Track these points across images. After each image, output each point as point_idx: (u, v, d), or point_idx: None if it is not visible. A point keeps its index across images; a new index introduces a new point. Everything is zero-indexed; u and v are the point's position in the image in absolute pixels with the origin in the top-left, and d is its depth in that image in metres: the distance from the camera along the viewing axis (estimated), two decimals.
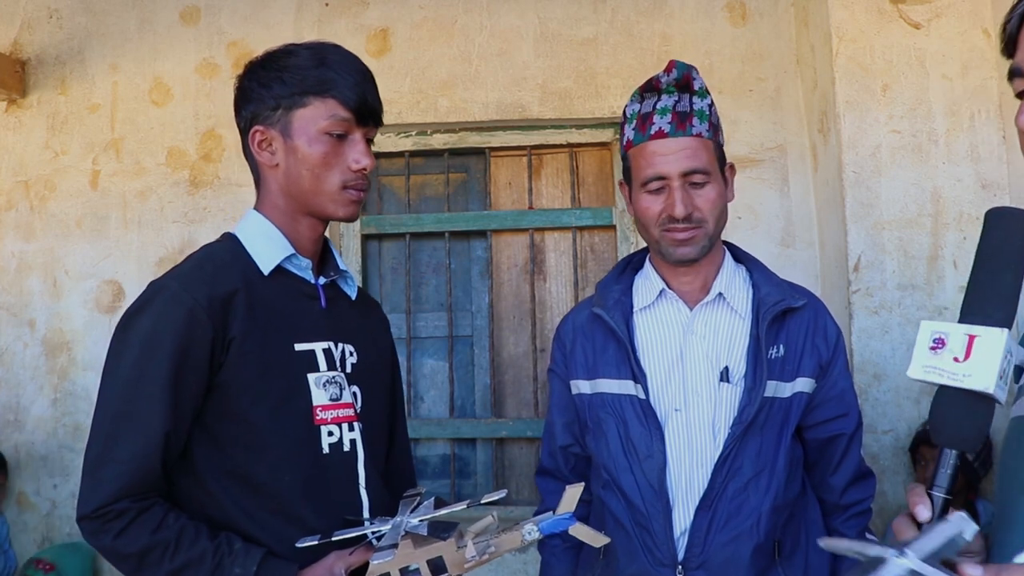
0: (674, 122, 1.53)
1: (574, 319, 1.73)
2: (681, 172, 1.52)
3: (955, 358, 0.90)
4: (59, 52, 3.38)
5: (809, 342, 1.59)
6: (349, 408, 1.40)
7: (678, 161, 1.52)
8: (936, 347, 0.92)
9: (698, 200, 1.53)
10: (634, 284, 1.69)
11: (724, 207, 1.59)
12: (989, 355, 0.88)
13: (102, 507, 1.21)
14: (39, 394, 3.28)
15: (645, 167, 1.55)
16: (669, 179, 1.52)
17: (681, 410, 1.55)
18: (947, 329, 0.91)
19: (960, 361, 0.89)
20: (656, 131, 1.54)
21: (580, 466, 1.75)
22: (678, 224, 1.53)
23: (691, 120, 1.53)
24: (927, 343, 0.93)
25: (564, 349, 1.72)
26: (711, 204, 1.54)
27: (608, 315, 1.61)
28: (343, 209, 1.40)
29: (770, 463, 1.54)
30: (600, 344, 1.64)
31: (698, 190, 1.53)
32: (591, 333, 1.66)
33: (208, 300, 1.27)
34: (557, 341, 1.75)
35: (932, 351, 0.92)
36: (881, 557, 0.85)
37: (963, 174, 2.66)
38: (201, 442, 1.30)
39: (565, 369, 1.71)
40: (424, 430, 3.26)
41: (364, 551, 1.24)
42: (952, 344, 0.90)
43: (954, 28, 2.68)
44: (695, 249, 1.55)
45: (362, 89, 1.37)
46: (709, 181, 1.54)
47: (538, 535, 1.18)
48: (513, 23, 3.23)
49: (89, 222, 3.31)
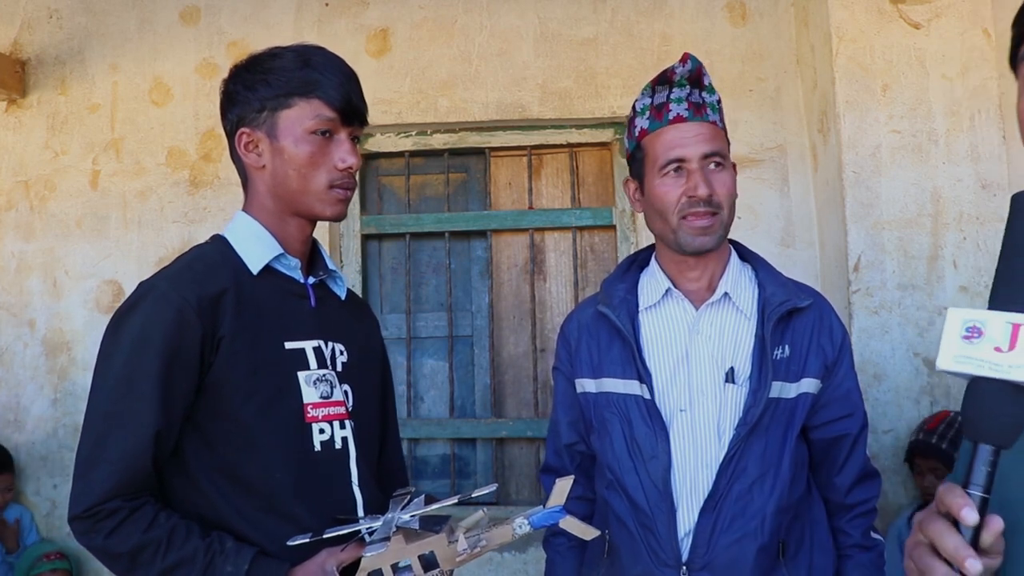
0: (691, 109, 1.55)
1: (579, 317, 1.72)
2: (702, 154, 1.53)
3: (996, 348, 0.84)
4: (59, 52, 3.39)
5: (815, 342, 1.59)
6: (340, 406, 1.40)
7: (698, 144, 1.53)
8: (971, 336, 0.85)
9: (716, 184, 1.54)
10: (639, 282, 1.68)
11: (735, 199, 1.60)
12: None
13: (93, 507, 1.22)
14: (39, 394, 3.28)
15: (665, 151, 1.55)
16: (689, 161, 1.53)
17: (686, 411, 1.55)
18: (983, 317, 0.85)
19: (1004, 351, 0.83)
20: (675, 116, 1.55)
21: (585, 464, 1.74)
22: (700, 208, 1.52)
23: (705, 110, 1.56)
24: (959, 332, 0.86)
25: (569, 348, 1.71)
26: (728, 190, 1.55)
27: (614, 314, 1.61)
28: (330, 208, 1.40)
29: (775, 464, 1.53)
30: (605, 343, 1.63)
31: (716, 173, 1.54)
32: (596, 332, 1.66)
33: (197, 299, 1.27)
34: (562, 339, 1.75)
35: (966, 340, 0.85)
36: None
37: (963, 174, 2.65)
38: (192, 441, 1.31)
39: (570, 367, 1.71)
40: (424, 430, 3.26)
41: (355, 547, 1.24)
42: (992, 333, 0.84)
43: (954, 28, 2.67)
44: (713, 239, 1.55)
45: (346, 89, 1.38)
46: (725, 166, 1.56)
47: (528, 529, 1.18)
48: (513, 23, 3.23)
49: (89, 222, 3.31)
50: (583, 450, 1.73)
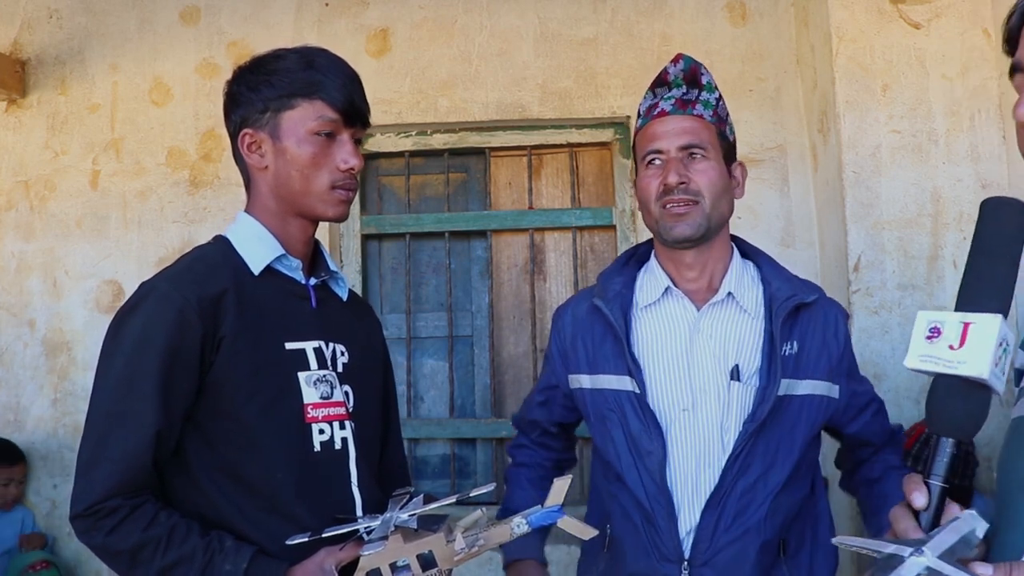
0: (676, 104, 1.58)
1: (574, 310, 1.72)
2: (678, 146, 1.55)
3: (950, 346, 0.90)
4: (59, 52, 3.39)
5: (822, 339, 1.59)
6: (340, 407, 1.40)
7: (676, 136, 1.55)
8: (932, 336, 0.91)
9: (693, 172, 1.54)
10: (638, 278, 1.68)
11: (725, 192, 1.59)
12: (983, 341, 0.88)
13: (94, 505, 1.22)
14: (39, 394, 3.29)
15: (645, 144, 1.59)
16: (666, 152, 1.55)
17: (689, 410, 1.54)
18: (943, 318, 0.91)
19: (955, 348, 0.89)
20: (658, 112, 1.59)
21: (544, 440, 1.85)
22: (674, 195, 1.53)
23: (694, 105, 1.58)
24: (923, 333, 0.92)
25: (562, 341, 1.72)
26: (708, 179, 1.54)
27: (607, 308, 1.61)
28: (332, 209, 1.41)
29: (780, 461, 1.52)
30: (599, 338, 1.63)
31: (695, 164, 1.55)
32: (591, 326, 1.66)
33: (198, 300, 1.28)
34: (555, 330, 1.75)
35: (928, 340, 0.91)
36: (898, 555, 0.85)
37: (963, 174, 2.65)
38: (193, 441, 1.31)
39: (562, 362, 1.72)
40: (424, 430, 3.26)
41: (354, 546, 1.24)
42: (948, 332, 0.90)
43: (954, 28, 2.68)
44: (691, 227, 1.54)
45: (349, 90, 1.39)
46: (707, 158, 1.55)
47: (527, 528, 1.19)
48: (513, 23, 3.23)
49: (89, 222, 3.31)
50: (545, 428, 1.84)
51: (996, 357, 0.87)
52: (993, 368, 0.87)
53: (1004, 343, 0.88)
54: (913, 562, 0.83)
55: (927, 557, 0.83)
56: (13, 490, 3.15)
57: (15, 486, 3.16)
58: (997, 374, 0.88)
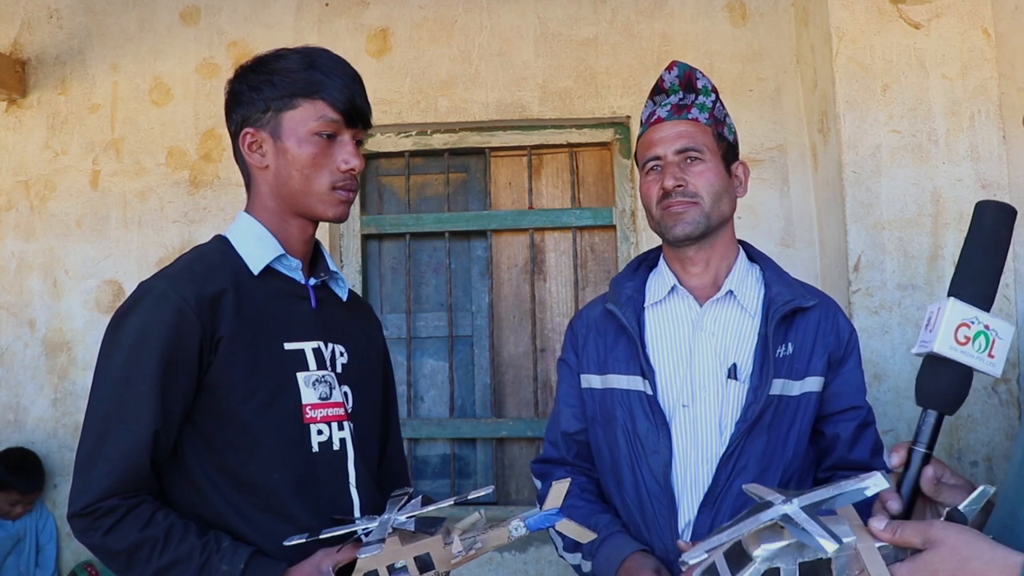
0: (672, 111, 1.64)
1: (588, 314, 1.77)
2: (674, 151, 1.61)
3: (929, 328, 1.03)
4: (59, 52, 3.39)
5: (819, 341, 1.60)
6: (339, 407, 1.40)
7: (672, 141, 1.62)
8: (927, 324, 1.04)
9: (690, 175, 1.60)
10: (648, 281, 1.72)
11: (725, 192, 1.63)
12: (945, 322, 1.00)
13: (91, 504, 1.23)
14: (39, 394, 3.29)
15: (645, 152, 1.66)
16: (664, 158, 1.62)
17: (689, 406, 1.57)
18: (932, 308, 1.05)
19: (931, 331, 1.02)
20: (655, 119, 1.66)
21: (584, 452, 1.74)
22: (672, 199, 1.59)
23: (689, 110, 1.64)
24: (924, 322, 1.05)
25: (576, 343, 1.75)
26: (705, 181, 1.60)
27: (620, 311, 1.65)
28: (332, 209, 1.41)
29: (776, 461, 1.54)
30: (612, 340, 1.67)
31: (692, 166, 1.60)
32: (604, 329, 1.69)
33: (196, 299, 1.28)
34: (570, 333, 1.79)
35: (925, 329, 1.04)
36: (769, 501, 0.93)
37: (963, 174, 2.64)
38: (191, 440, 1.31)
39: (576, 361, 1.74)
40: (424, 430, 3.26)
41: (351, 548, 1.24)
42: (931, 318, 1.04)
43: (954, 28, 2.67)
44: (690, 224, 1.59)
45: (351, 91, 1.39)
46: (703, 160, 1.61)
47: (524, 531, 1.19)
48: (513, 23, 3.23)
49: (89, 222, 3.31)
50: (582, 440, 1.73)
51: (955, 336, 0.99)
52: (953, 344, 0.99)
53: (974, 323, 1.00)
54: (776, 509, 0.92)
55: (790, 506, 0.91)
56: (19, 510, 3.13)
57: (22, 507, 3.14)
58: (969, 352, 0.99)
